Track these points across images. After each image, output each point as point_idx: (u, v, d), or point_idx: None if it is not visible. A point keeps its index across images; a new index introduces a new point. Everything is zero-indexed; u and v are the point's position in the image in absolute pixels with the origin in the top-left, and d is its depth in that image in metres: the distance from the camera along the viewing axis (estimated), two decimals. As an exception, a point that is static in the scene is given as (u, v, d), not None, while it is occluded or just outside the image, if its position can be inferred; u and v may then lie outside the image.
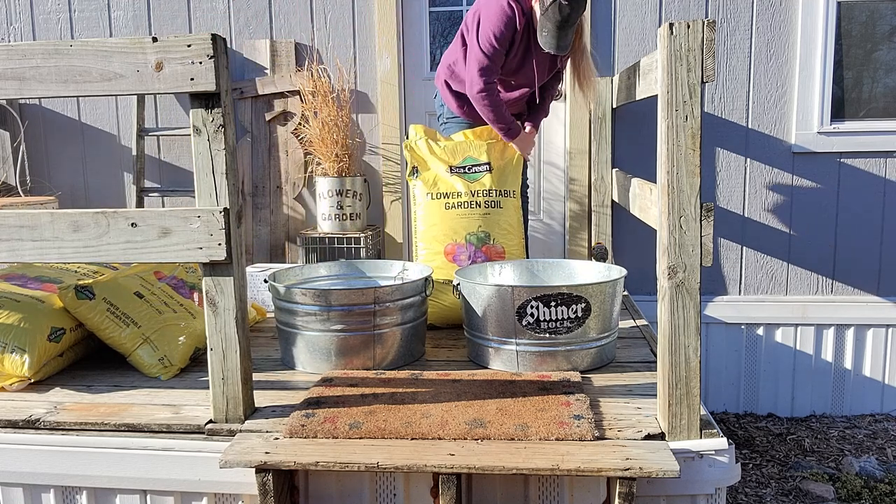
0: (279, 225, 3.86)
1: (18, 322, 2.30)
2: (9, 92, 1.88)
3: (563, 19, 2.67)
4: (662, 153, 1.79)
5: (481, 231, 2.93)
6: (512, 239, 2.98)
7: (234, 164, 1.91)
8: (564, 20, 2.67)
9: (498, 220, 2.95)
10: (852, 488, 2.86)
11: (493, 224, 2.94)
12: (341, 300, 2.33)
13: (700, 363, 1.84)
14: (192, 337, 2.48)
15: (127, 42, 1.83)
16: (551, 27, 2.70)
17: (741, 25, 3.53)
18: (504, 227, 2.96)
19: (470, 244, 2.92)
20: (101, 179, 4.00)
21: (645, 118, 3.58)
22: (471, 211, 2.93)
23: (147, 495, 2.00)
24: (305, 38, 3.77)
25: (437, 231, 2.94)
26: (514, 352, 2.32)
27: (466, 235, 2.92)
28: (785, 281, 3.66)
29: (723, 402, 3.74)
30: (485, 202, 2.94)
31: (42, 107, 3.99)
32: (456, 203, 2.93)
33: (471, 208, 2.93)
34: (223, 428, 1.97)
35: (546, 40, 2.74)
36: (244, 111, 3.81)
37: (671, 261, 1.80)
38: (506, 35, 2.76)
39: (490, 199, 2.95)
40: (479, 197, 2.94)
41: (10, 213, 1.94)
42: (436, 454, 1.75)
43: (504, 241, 2.96)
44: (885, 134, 3.51)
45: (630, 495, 1.69)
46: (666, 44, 1.75)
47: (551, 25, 2.69)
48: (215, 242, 1.88)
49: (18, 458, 2.00)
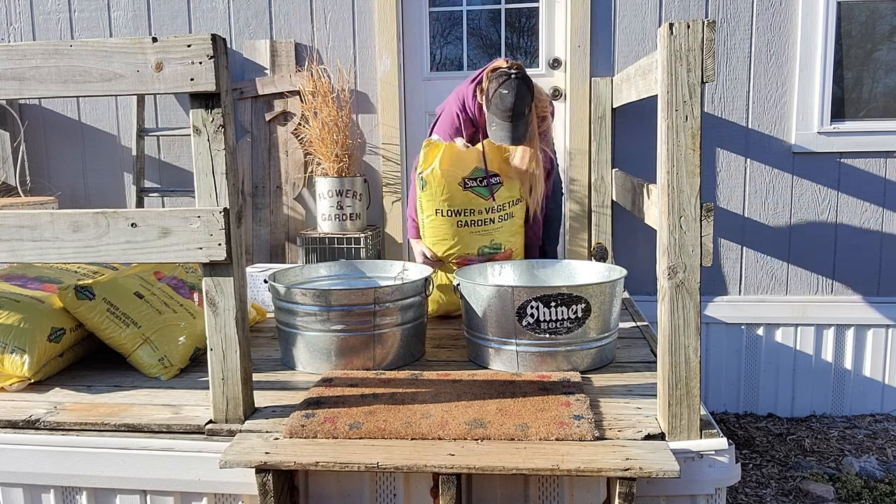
0: (279, 225, 3.86)
1: (18, 322, 2.30)
2: (9, 92, 1.88)
3: (509, 109, 2.58)
4: (662, 153, 1.79)
5: (494, 243, 2.92)
6: (518, 239, 2.98)
7: (234, 164, 1.91)
8: (510, 110, 2.58)
9: (510, 228, 2.95)
10: (852, 488, 2.86)
11: (505, 233, 2.94)
12: (341, 300, 2.33)
13: (700, 363, 1.84)
14: (192, 337, 2.48)
15: (127, 42, 1.83)
16: (499, 121, 2.62)
17: (741, 25, 3.53)
18: (513, 232, 2.96)
19: (482, 255, 2.92)
20: (101, 179, 4.00)
21: (645, 118, 3.58)
22: (485, 227, 2.89)
23: (147, 495, 2.00)
24: (305, 38, 3.77)
25: (448, 244, 2.91)
26: (514, 352, 2.32)
27: (479, 248, 2.91)
28: (785, 281, 3.66)
29: (723, 402, 3.74)
30: (499, 216, 2.90)
31: (42, 107, 3.99)
32: (470, 221, 2.88)
33: (485, 225, 2.89)
34: (223, 428, 1.97)
35: (496, 134, 2.66)
36: (244, 111, 3.81)
37: (671, 261, 1.80)
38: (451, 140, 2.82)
39: (504, 212, 2.91)
40: (493, 213, 2.89)
41: (10, 213, 1.94)
42: (436, 454, 1.75)
43: (512, 244, 2.96)
44: (885, 134, 3.51)
45: (630, 495, 1.69)
46: (666, 44, 1.75)
47: (499, 119, 2.62)
48: (215, 242, 1.88)
49: (18, 458, 2.00)
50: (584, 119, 3.63)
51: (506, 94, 2.56)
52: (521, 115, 2.61)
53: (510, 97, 2.56)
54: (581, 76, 3.61)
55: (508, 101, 2.56)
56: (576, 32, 3.58)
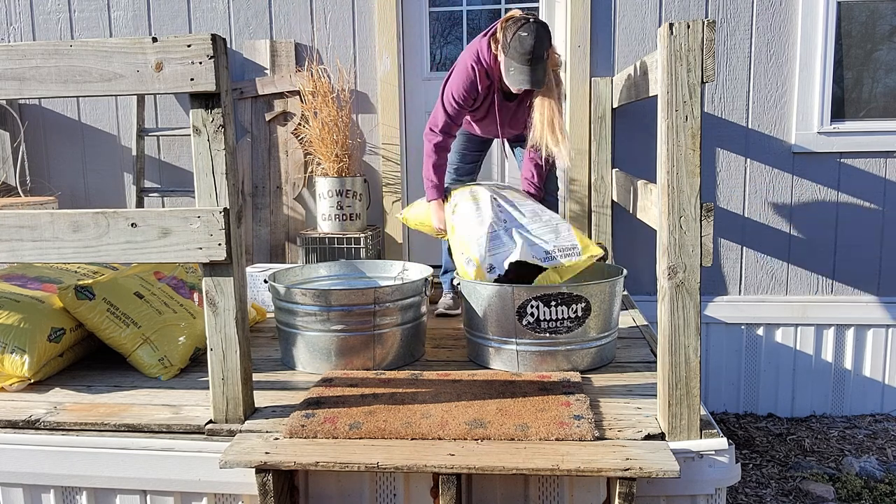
0: (279, 225, 3.86)
1: (18, 322, 2.30)
2: (9, 92, 1.88)
3: (528, 52, 2.54)
4: (662, 153, 1.79)
5: None
6: None
7: (234, 164, 1.91)
8: (529, 52, 2.54)
9: None
10: (852, 488, 2.86)
11: None
12: (341, 300, 2.33)
13: (700, 363, 1.84)
14: (192, 337, 2.48)
15: (127, 42, 1.83)
16: (517, 65, 2.58)
17: (741, 25, 3.52)
18: None
19: None
20: (101, 179, 4.00)
21: (645, 118, 3.58)
22: None
23: (147, 495, 2.00)
24: (305, 38, 3.77)
25: None
26: (514, 352, 2.32)
27: None
28: (785, 281, 3.66)
29: (723, 402, 3.74)
30: None
31: (42, 107, 3.99)
32: None
33: None
34: (223, 428, 1.97)
35: (515, 78, 2.61)
36: (244, 111, 3.81)
37: (671, 261, 1.80)
38: (464, 96, 2.74)
39: None
40: None
41: (10, 214, 1.94)
42: (436, 454, 1.75)
43: None
44: (885, 134, 3.51)
45: (630, 495, 1.69)
46: (666, 44, 1.75)
47: (517, 63, 2.58)
48: (215, 242, 1.88)
49: (18, 458, 2.00)
50: (584, 119, 3.63)
51: (525, 37, 2.53)
52: (540, 58, 2.58)
53: (530, 39, 2.53)
54: (581, 76, 3.61)
55: (528, 43, 2.54)
56: (576, 32, 3.58)
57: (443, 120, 2.79)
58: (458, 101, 2.74)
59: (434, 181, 2.86)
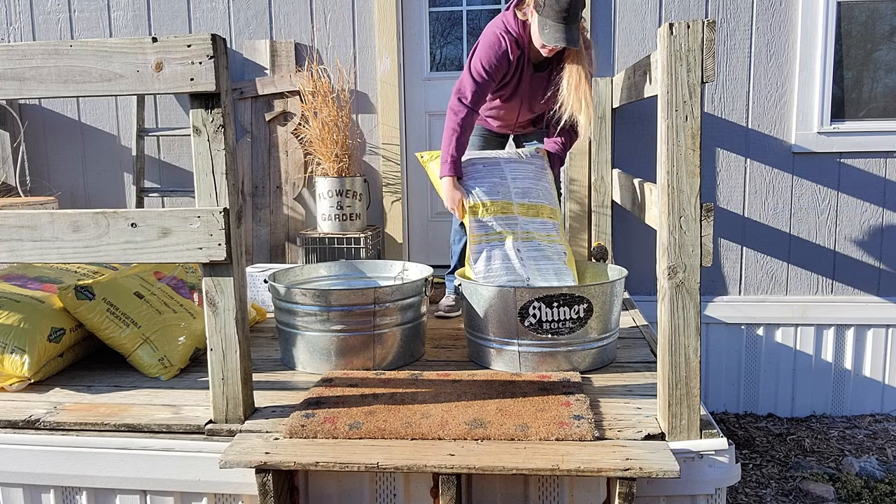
0: (279, 225, 3.86)
1: (18, 322, 2.30)
2: (9, 92, 1.88)
3: (564, 10, 2.54)
4: (662, 153, 1.79)
5: None
6: None
7: (234, 164, 1.91)
8: (565, 10, 2.54)
9: None
10: (852, 488, 2.86)
11: None
12: (341, 300, 2.33)
13: (700, 363, 1.84)
14: (192, 337, 2.48)
15: (127, 42, 1.83)
16: (553, 23, 2.58)
17: (741, 25, 3.52)
18: None
19: None
20: (101, 179, 4.00)
21: (644, 118, 3.58)
22: None
23: (147, 495, 1.99)
24: (305, 38, 3.77)
25: None
26: (516, 353, 2.32)
27: None
28: (785, 281, 3.66)
29: (723, 402, 3.74)
30: None
31: (42, 107, 3.99)
32: None
33: None
34: (223, 428, 1.97)
35: (551, 36, 2.60)
36: (244, 111, 3.81)
37: (671, 261, 1.80)
38: (496, 66, 2.70)
39: None
40: None
41: (10, 213, 1.94)
42: (436, 454, 1.75)
43: None
44: (885, 134, 3.51)
45: (630, 495, 1.69)
46: (666, 44, 1.75)
47: (552, 21, 2.58)
48: (215, 242, 1.88)
49: (18, 458, 2.00)
50: (584, 119, 3.63)
51: None
52: (575, 17, 2.58)
53: None
54: (581, 76, 3.60)
55: (564, 2, 2.53)
56: (576, 32, 3.57)
57: (471, 90, 2.71)
58: (488, 70, 2.69)
59: (454, 156, 2.75)
